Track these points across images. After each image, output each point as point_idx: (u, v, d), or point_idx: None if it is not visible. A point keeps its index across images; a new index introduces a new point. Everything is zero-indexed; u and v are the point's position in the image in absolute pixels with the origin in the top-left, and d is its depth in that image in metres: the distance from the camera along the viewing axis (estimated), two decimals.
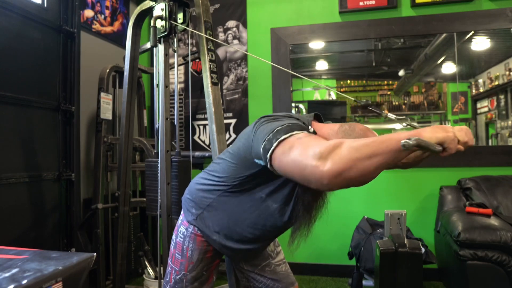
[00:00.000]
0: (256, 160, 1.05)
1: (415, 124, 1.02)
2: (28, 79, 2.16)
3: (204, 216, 1.23)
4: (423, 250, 2.24)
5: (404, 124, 1.07)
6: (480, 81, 3.24)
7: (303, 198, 1.11)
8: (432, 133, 0.80)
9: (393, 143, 0.79)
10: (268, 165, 0.96)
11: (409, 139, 0.76)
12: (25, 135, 2.14)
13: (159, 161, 1.85)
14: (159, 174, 1.85)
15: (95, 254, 0.70)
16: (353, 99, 1.26)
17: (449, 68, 3.20)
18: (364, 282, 2.57)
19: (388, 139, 0.80)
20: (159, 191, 1.86)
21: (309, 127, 1.08)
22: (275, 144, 0.92)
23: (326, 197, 1.16)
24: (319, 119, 1.21)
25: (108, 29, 2.99)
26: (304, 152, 0.85)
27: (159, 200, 1.86)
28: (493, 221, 2.19)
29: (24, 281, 0.53)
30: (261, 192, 1.15)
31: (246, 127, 1.17)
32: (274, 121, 1.02)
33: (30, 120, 2.17)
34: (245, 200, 1.17)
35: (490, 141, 3.23)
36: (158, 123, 1.88)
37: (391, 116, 1.07)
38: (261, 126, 1.03)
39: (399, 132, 0.82)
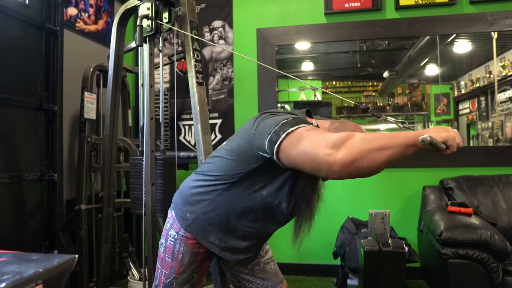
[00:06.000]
0: (260, 153, 1.05)
1: (409, 126, 1.09)
2: (9, 78, 2.11)
3: (200, 219, 1.20)
4: (406, 249, 2.28)
5: (401, 126, 1.12)
6: (462, 83, 3.31)
7: (303, 193, 1.12)
8: (437, 133, 0.86)
9: (402, 139, 0.84)
10: (275, 157, 0.97)
11: (424, 136, 0.82)
12: (5, 134, 2.09)
13: (143, 160, 1.84)
14: (143, 174, 1.84)
15: (77, 255, 0.69)
16: (353, 102, 1.29)
17: (432, 70, 3.26)
18: (348, 281, 2.60)
19: (397, 135, 0.86)
20: (143, 190, 1.84)
21: (313, 122, 1.10)
22: (283, 136, 0.94)
23: (321, 192, 1.18)
24: (309, 115, 1.23)
25: (92, 27, 2.95)
26: (316, 142, 0.88)
27: (143, 199, 1.84)
28: (474, 220, 2.24)
29: (3, 284, 0.52)
30: (262, 189, 1.14)
31: (244, 125, 1.16)
32: (277, 116, 1.03)
33: (11, 120, 2.12)
34: (245, 198, 1.15)
35: (471, 141, 3.30)
36: (143, 121, 1.86)
37: (390, 119, 1.12)
38: (264, 120, 1.04)
39: (406, 131, 0.88)
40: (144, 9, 1.84)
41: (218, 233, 1.20)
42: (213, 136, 3.28)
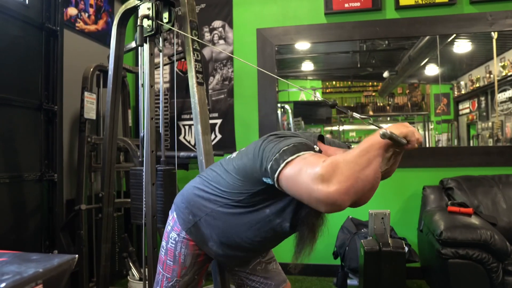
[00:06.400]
0: (264, 179, 1.05)
1: (373, 122, 1.11)
2: (9, 78, 2.11)
3: (201, 223, 1.20)
4: (406, 249, 2.28)
5: (370, 121, 1.13)
6: (462, 83, 3.31)
7: (307, 219, 1.11)
8: (398, 129, 0.90)
9: (377, 144, 0.87)
10: (276, 185, 0.98)
11: (384, 130, 0.85)
12: (5, 134, 2.09)
13: (144, 161, 1.84)
14: (143, 175, 1.84)
15: (77, 255, 0.69)
16: (321, 99, 1.28)
17: (432, 70, 3.26)
18: (348, 281, 2.60)
19: (371, 143, 0.88)
20: (143, 195, 1.84)
21: (315, 146, 1.09)
22: (282, 166, 0.94)
23: (325, 216, 1.17)
24: (322, 140, 1.21)
25: (92, 27, 2.95)
26: (308, 176, 0.87)
27: (144, 209, 1.84)
28: (474, 220, 2.24)
29: (3, 284, 0.52)
30: (266, 208, 1.13)
31: (253, 143, 1.15)
32: (281, 141, 1.02)
33: (11, 120, 2.12)
34: (247, 214, 1.15)
35: (471, 141, 3.30)
36: (143, 132, 1.86)
37: (356, 115, 1.13)
38: (269, 144, 1.03)
39: (373, 134, 0.89)
40: (145, 9, 1.84)
41: (217, 241, 1.20)
42: (213, 136, 3.28)
